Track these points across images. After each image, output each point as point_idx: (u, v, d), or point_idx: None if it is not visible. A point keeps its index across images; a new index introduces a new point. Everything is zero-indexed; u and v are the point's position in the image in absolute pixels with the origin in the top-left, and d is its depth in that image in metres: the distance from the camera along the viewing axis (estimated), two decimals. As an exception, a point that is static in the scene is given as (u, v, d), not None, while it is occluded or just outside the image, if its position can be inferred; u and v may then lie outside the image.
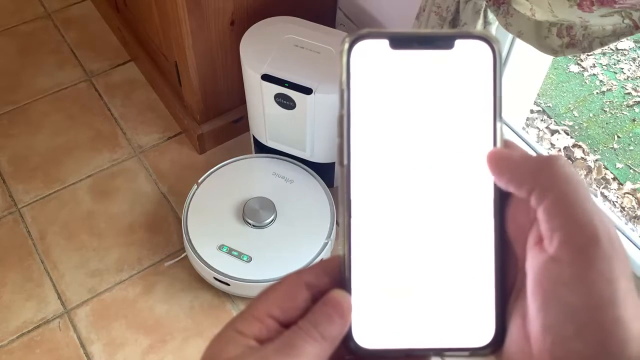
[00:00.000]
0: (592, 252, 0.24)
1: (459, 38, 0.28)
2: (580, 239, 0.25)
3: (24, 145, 1.57)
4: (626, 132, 1.74)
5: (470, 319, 0.28)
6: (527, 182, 0.26)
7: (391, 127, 0.28)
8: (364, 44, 0.28)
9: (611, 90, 1.83)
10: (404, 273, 0.28)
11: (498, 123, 0.28)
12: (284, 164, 1.38)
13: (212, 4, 1.26)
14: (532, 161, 0.27)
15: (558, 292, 0.25)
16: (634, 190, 1.61)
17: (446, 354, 0.28)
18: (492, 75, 0.28)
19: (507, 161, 0.27)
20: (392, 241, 0.28)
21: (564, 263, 0.25)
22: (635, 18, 0.70)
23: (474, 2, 0.88)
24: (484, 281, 0.28)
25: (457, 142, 0.28)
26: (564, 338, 0.24)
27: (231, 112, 1.53)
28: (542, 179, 0.26)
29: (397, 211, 0.28)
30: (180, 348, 1.26)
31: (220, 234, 1.28)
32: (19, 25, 1.82)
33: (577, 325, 0.24)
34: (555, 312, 0.25)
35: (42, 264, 1.37)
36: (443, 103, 0.28)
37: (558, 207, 0.25)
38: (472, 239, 0.28)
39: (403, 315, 0.28)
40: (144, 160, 1.55)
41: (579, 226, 0.25)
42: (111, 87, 1.69)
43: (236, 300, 1.32)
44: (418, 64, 0.28)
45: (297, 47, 1.25)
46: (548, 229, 0.25)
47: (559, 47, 0.81)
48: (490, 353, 0.28)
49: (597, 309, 0.24)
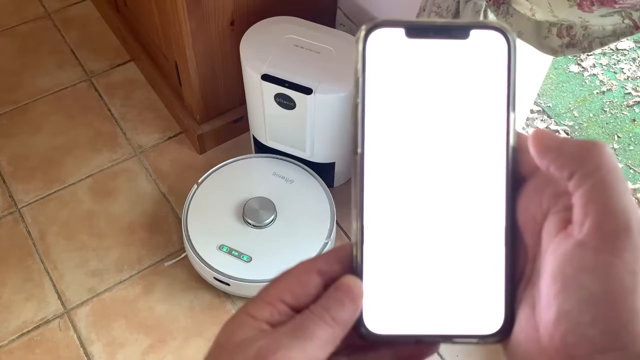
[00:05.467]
0: (620, 240, 0.24)
1: (475, 28, 0.28)
2: (612, 226, 0.25)
3: (24, 145, 1.57)
4: (626, 132, 1.74)
5: (479, 306, 0.28)
6: (570, 164, 0.26)
7: (405, 116, 0.28)
8: (380, 32, 0.28)
9: (611, 90, 1.82)
10: (415, 260, 0.28)
11: (512, 114, 0.28)
12: (284, 164, 1.38)
13: (212, 4, 1.26)
14: (577, 144, 0.27)
15: (580, 278, 0.25)
16: (634, 190, 1.61)
17: (455, 340, 0.28)
18: (506, 66, 0.28)
19: (551, 141, 0.27)
20: (404, 228, 0.28)
21: (590, 249, 0.25)
22: (635, 18, 0.70)
23: (474, 2, 0.88)
24: (494, 270, 0.28)
25: (470, 132, 0.28)
26: (579, 324, 0.24)
27: (231, 112, 1.53)
28: (586, 164, 0.26)
29: (410, 199, 0.28)
30: (180, 348, 1.26)
31: (220, 234, 1.28)
32: (19, 25, 1.82)
33: (594, 312, 0.24)
34: (575, 298, 0.25)
35: (42, 264, 1.37)
36: (457, 93, 0.28)
37: (596, 193, 0.25)
38: (483, 227, 0.28)
39: (413, 301, 0.28)
40: (144, 160, 1.55)
41: (613, 214, 0.25)
42: (111, 87, 1.69)
43: (236, 300, 1.32)
44: (433, 54, 0.28)
45: (297, 47, 1.25)
46: (582, 213, 0.25)
47: (559, 47, 0.81)
48: (498, 341, 0.28)
49: (616, 298, 0.24)
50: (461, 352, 1.23)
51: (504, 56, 0.28)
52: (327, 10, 1.50)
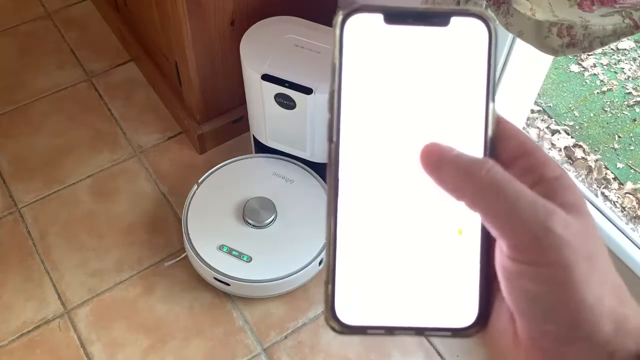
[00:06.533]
0: (536, 250, 0.24)
1: (455, 15, 0.27)
2: (523, 241, 0.25)
3: (24, 145, 1.57)
4: (627, 132, 1.73)
5: (453, 299, 0.28)
6: (453, 193, 0.26)
7: (383, 104, 0.28)
8: (357, 17, 0.27)
9: (612, 90, 1.82)
10: (388, 251, 0.28)
11: (491, 104, 0.28)
12: (284, 164, 1.38)
13: (212, 4, 1.26)
14: (455, 171, 0.26)
15: (521, 282, 0.25)
16: (635, 190, 1.61)
17: (427, 333, 0.28)
18: (487, 55, 0.28)
19: (436, 161, 0.27)
20: (378, 219, 0.28)
21: (518, 261, 0.25)
22: (635, 18, 0.70)
23: (474, 2, 0.88)
24: (469, 261, 0.28)
25: (448, 121, 0.28)
26: (536, 321, 0.25)
27: (231, 112, 1.53)
28: (466, 195, 0.26)
29: (384, 189, 0.28)
30: (180, 348, 1.26)
31: (220, 234, 1.28)
32: (19, 25, 1.82)
33: (544, 309, 0.25)
34: (524, 299, 0.25)
35: (42, 264, 1.37)
36: (436, 81, 0.28)
37: (490, 219, 0.25)
38: (458, 218, 0.28)
39: (385, 293, 0.28)
40: (144, 160, 1.55)
41: (516, 231, 0.25)
42: (111, 87, 1.69)
43: (236, 300, 1.32)
44: (412, 40, 0.27)
45: (297, 47, 1.25)
46: (495, 234, 0.26)
47: (559, 47, 0.81)
48: (472, 334, 0.28)
49: (559, 293, 0.24)
50: (462, 352, 1.23)
51: (485, 44, 0.28)
52: (327, 10, 1.50)
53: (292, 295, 1.31)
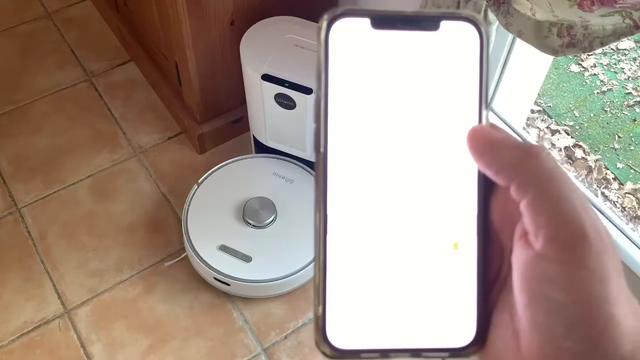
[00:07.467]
0: (580, 249, 0.23)
1: (445, 19, 0.26)
2: (568, 235, 0.23)
3: (24, 145, 1.57)
4: (627, 132, 1.73)
5: (450, 317, 0.27)
6: (505, 171, 0.25)
7: (371, 112, 0.26)
8: (343, 22, 0.26)
9: (612, 90, 1.82)
10: (380, 269, 0.26)
11: (484, 110, 0.27)
12: (284, 164, 1.38)
13: (212, 4, 1.26)
14: (512, 149, 0.25)
15: (546, 290, 0.23)
16: (635, 190, 1.61)
17: (424, 355, 0.26)
18: (478, 59, 0.27)
19: (485, 144, 0.26)
20: (369, 234, 0.26)
21: (551, 261, 0.23)
22: (635, 18, 0.70)
23: (474, 2, 0.88)
24: (465, 278, 0.27)
25: (440, 129, 0.27)
26: (554, 336, 0.23)
27: (231, 112, 1.53)
28: (522, 172, 0.24)
29: (376, 202, 0.26)
30: (180, 348, 1.26)
31: (220, 234, 1.28)
32: (19, 25, 1.82)
33: (567, 323, 0.23)
34: (544, 310, 0.23)
35: (42, 264, 1.37)
36: (427, 88, 0.26)
37: (541, 203, 0.24)
38: (453, 233, 0.27)
39: (378, 314, 0.26)
40: (144, 160, 1.55)
41: (565, 222, 0.23)
42: (111, 87, 1.69)
43: (236, 300, 1.32)
44: (401, 46, 0.26)
45: (297, 47, 1.25)
46: (533, 226, 0.24)
47: (559, 47, 0.81)
48: (471, 353, 0.27)
49: (589, 306, 0.23)
50: None
51: (477, 49, 0.27)
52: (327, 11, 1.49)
53: (292, 295, 1.31)
